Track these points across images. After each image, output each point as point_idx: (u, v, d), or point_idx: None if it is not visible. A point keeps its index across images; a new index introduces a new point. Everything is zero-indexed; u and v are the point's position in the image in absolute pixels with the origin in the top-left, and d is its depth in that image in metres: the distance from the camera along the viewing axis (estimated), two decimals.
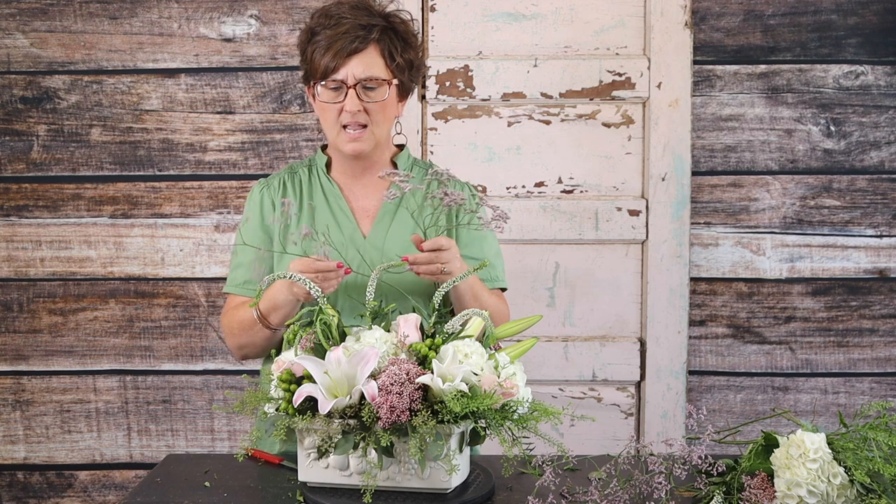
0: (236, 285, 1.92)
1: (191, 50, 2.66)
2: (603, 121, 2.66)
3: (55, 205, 2.70)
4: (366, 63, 1.80)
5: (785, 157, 2.66)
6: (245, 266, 1.91)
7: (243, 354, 1.90)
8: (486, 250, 1.94)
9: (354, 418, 1.46)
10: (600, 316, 2.69)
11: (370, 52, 1.81)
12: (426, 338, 1.54)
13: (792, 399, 2.71)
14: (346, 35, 1.79)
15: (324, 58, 1.80)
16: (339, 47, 1.79)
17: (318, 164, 1.96)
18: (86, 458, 2.76)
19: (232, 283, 1.93)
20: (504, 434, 1.45)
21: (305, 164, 1.98)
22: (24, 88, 2.67)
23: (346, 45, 1.79)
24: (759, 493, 1.40)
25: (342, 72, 1.79)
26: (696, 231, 2.67)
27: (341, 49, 1.79)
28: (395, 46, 1.83)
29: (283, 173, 1.96)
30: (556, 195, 2.67)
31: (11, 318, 2.73)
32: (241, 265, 1.92)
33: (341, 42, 1.79)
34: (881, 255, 2.67)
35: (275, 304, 1.78)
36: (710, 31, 2.63)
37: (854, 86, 2.64)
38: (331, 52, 1.79)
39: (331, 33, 1.80)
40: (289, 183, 1.94)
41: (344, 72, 1.79)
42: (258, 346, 1.86)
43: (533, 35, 2.64)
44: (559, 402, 2.66)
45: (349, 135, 1.82)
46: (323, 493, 1.52)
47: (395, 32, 1.84)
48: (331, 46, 1.79)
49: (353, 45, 1.79)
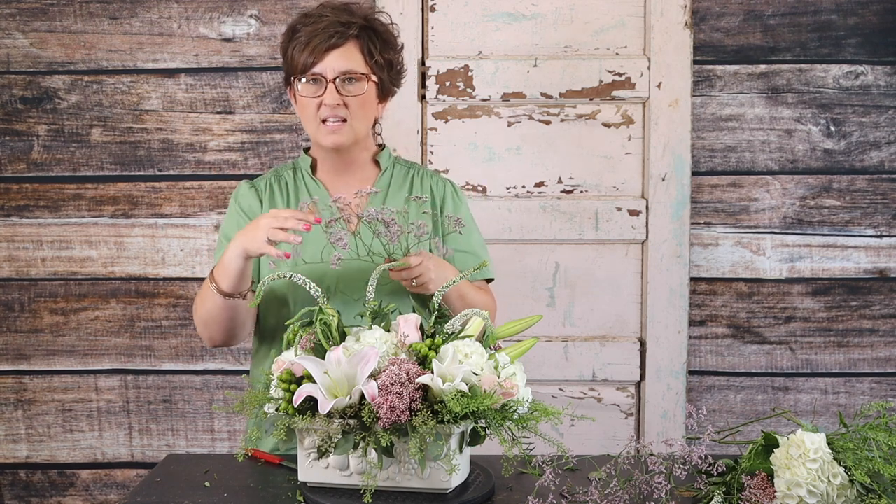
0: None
1: (191, 50, 2.66)
2: (603, 121, 2.66)
3: (56, 205, 2.70)
4: (345, 57, 1.82)
5: (785, 157, 2.66)
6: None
7: (209, 336, 1.86)
8: (473, 243, 1.97)
9: (354, 418, 1.46)
10: (600, 316, 2.69)
11: (349, 47, 1.83)
12: (426, 338, 1.54)
13: (792, 399, 2.71)
14: (325, 30, 1.82)
15: (303, 53, 1.82)
16: (318, 42, 1.81)
17: (302, 166, 1.97)
18: (87, 457, 2.76)
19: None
20: (504, 434, 1.46)
21: (290, 166, 1.99)
22: (24, 88, 2.67)
23: (324, 40, 1.81)
24: (759, 493, 1.40)
25: (321, 66, 1.81)
26: (696, 231, 2.67)
27: (320, 44, 1.81)
28: (374, 44, 1.86)
29: (268, 176, 1.97)
30: (556, 195, 2.67)
31: (13, 318, 2.73)
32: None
33: (320, 37, 1.81)
34: (881, 255, 2.68)
35: (223, 264, 1.76)
36: (710, 31, 2.63)
37: (854, 86, 2.64)
38: (310, 48, 1.81)
39: (310, 29, 1.83)
40: (275, 185, 1.95)
41: (323, 66, 1.81)
42: (218, 322, 1.81)
43: (533, 35, 2.64)
44: (559, 402, 2.66)
45: (329, 126, 1.84)
46: (323, 493, 1.52)
47: (374, 31, 1.87)
48: (310, 42, 1.81)
49: (332, 41, 1.81)
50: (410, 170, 2.00)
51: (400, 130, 2.63)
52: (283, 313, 1.88)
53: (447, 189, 1.99)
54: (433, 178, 2.00)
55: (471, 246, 1.96)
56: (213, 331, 1.85)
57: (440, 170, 2.66)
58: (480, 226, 2.63)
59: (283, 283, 1.85)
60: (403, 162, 2.02)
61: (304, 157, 1.98)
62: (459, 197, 2.00)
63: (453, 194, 1.99)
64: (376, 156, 1.98)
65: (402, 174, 1.98)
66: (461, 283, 1.82)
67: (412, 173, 1.99)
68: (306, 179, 1.95)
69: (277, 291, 1.88)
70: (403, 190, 1.95)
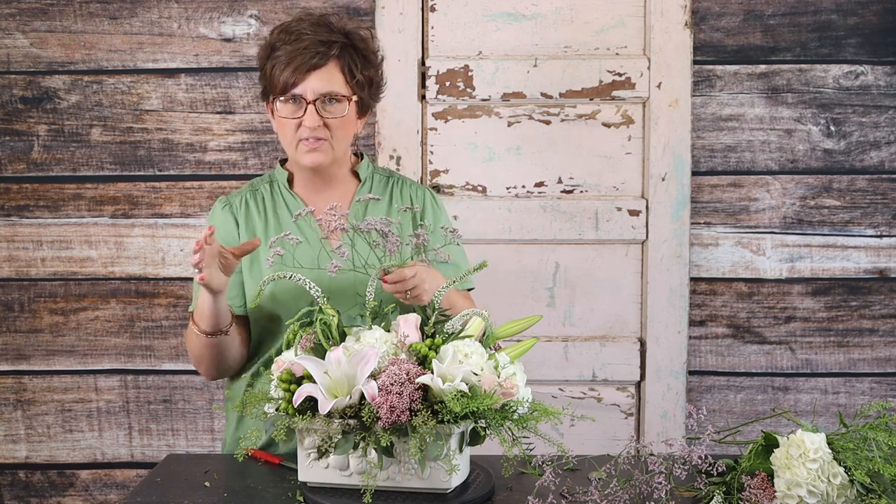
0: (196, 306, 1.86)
1: (191, 50, 2.66)
2: (603, 121, 2.66)
3: (56, 205, 2.70)
4: (326, 79, 1.79)
5: (785, 157, 2.66)
6: None
7: (205, 370, 1.85)
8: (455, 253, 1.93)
9: (354, 418, 1.46)
10: (600, 316, 2.69)
11: (330, 67, 1.80)
12: (426, 338, 1.54)
13: (792, 399, 2.71)
14: (306, 51, 1.78)
15: (283, 73, 1.79)
16: (298, 63, 1.78)
17: (279, 180, 1.93)
18: (87, 457, 2.76)
19: (193, 302, 1.87)
20: (504, 434, 1.46)
21: (266, 179, 1.95)
22: (24, 88, 2.67)
23: (305, 60, 1.78)
24: (759, 493, 1.40)
25: (301, 87, 1.78)
26: (696, 231, 2.67)
27: (301, 64, 1.78)
28: (355, 63, 1.82)
29: (244, 192, 1.93)
30: (556, 195, 2.67)
31: (12, 318, 2.73)
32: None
33: (301, 57, 1.78)
34: (881, 255, 2.68)
35: (199, 306, 1.76)
36: (710, 31, 2.63)
37: (854, 86, 2.64)
38: (290, 68, 1.78)
39: (290, 48, 1.79)
40: (251, 201, 1.91)
41: (303, 87, 1.78)
42: (207, 358, 1.81)
43: (533, 35, 2.64)
44: (559, 402, 2.66)
45: (308, 145, 1.80)
46: (323, 493, 1.52)
47: (355, 49, 1.83)
48: (290, 62, 1.78)
49: (312, 61, 1.78)
50: (389, 179, 1.97)
51: (400, 130, 2.63)
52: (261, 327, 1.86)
53: (426, 197, 1.97)
54: (412, 187, 1.97)
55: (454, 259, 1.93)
56: (207, 367, 1.84)
57: (440, 170, 2.66)
58: (480, 226, 2.65)
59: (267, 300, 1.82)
60: (381, 171, 1.99)
61: (280, 171, 1.95)
62: (438, 205, 1.98)
63: (433, 202, 1.97)
64: (355, 167, 1.95)
65: (381, 184, 1.95)
66: (451, 293, 1.79)
67: (391, 183, 1.96)
68: (284, 194, 1.92)
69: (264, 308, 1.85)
70: (384, 199, 1.93)
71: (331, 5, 2.63)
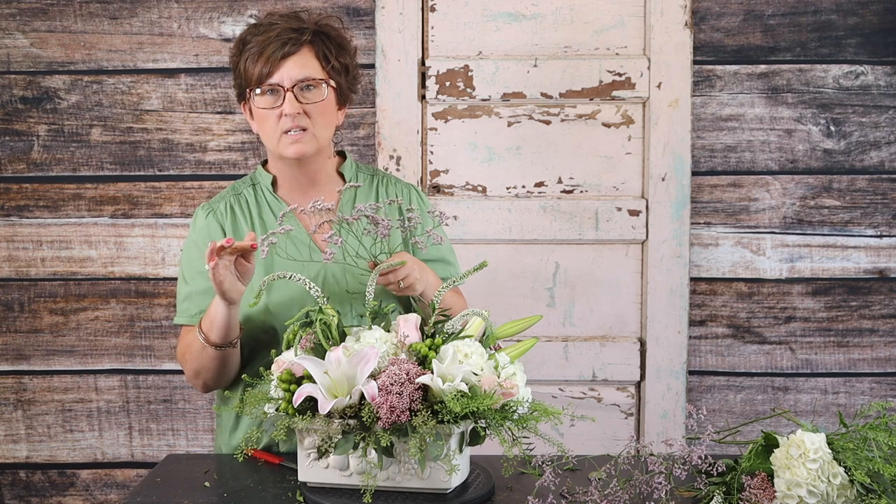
0: (190, 316, 1.83)
1: (191, 50, 2.66)
2: (603, 121, 2.66)
3: (56, 205, 2.70)
4: (301, 65, 1.77)
5: (785, 157, 2.66)
6: (198, 294, 1.83)
7: (202, 383, 1.82)
8: (443, 250, 1.94)
9: (354, 418, 1.46)
10: (600, 316, 2.69)
11: (304, 53, 1.78)
12: (426, 338, 1.54)
13: (792, 399, 2.71)
14: (277, 38, 1.76)
15: (257, 64, 1.76)
16: (271, 51, 1.75)
17: (262, 183, 1.90)
18: (87, 457, 2.76)
19: (185, 313, 1.84)
20: (504, 434, 1.46)
21: (248, 182, 1.91)
22: (24, 88, 2.67)
23: (278, 48, 1.75)
24: (759, 493, 1.40)
25: (277, 75, 1.76)
26: (696, 231, 2.67)
27: (274, 53, 1.75)
28: (329, 49, 1.80)
29: (227, 196, 1.90)
30: (556, 195, 2.67)
31: (12, 318, 2.73)
32: (192, 295, 1.84)
33: (273, 46, 1.75)
34: (881, 255, 2.68)
35: (209, 317, 1.72)
36: (710, 31, 2.63)
37: (854, 86, 2.64)
38: (264, 57, 1.75)
39: (262, 38, 1.77)
40: (235, 205, 1.88)
41: (279, 75, 1.76)
42: (211, 370, 1.78)
43: (533, 35, 2.64)
44: (559, 402, 2.66)
45: (291, 136, 1.77)
46: (323, 493, 1.52)
47: (328, 37, 1.82)
48: (263, 51, 1.76)
49: (285, 48, 1.76)
50: (374, 177, 1.96)
51: (400, 130, 2.63)
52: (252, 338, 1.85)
53: (412, 195, 1.96)
54: (397, 184, 1.96)
55: (441, 253, 1.93)
56: (205, 379, 1.80)
57: (440, 170, 2.66)
58: (480, 226, 2.65)
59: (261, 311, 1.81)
60: (366, 169, 1.97)
61: (263, 173, 1.91)
62: (424, 202, 1.97)
63: (419, 200, 1.96)
64: (339, 167, 1.93)
65: (366, 182, 1.94)
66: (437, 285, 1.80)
67: (377, 181, 1.95)
68: (268, 198, 1.88)
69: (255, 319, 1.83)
70: (370, 198, 1.92)
71: (331, 5, 2.63)
